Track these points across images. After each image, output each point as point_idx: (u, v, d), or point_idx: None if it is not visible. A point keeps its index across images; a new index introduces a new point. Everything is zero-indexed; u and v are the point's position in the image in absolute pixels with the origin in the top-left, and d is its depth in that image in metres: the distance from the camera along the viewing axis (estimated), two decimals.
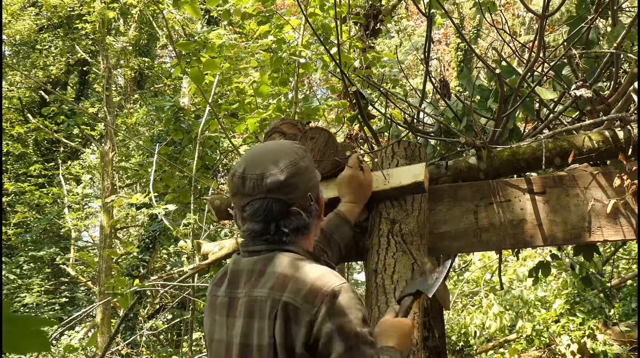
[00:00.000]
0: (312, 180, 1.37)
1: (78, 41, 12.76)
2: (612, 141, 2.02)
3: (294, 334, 1.20)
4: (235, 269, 1.34)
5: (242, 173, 1.33)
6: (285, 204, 1.30)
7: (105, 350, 5.71)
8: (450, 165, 2.14)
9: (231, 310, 1.31)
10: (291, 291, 1.22)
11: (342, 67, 2.37)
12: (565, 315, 6.88)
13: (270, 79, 4.49)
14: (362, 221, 1.99)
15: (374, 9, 5.17)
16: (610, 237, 1.94)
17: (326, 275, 1.25)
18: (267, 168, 1.31)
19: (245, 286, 1.30)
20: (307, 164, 1.37)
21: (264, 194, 1.29)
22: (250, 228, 1.32)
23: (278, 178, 1.30)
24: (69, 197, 12.31)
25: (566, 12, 9.11)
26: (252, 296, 1.27)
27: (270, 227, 1.31)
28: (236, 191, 1.34)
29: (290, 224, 1.31)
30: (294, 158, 1.34)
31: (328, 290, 1.21)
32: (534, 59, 2.21)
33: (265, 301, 1.24)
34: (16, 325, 0.60)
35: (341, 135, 5.49)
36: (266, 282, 1.26)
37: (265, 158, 1.34)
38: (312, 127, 2.16)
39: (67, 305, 12.51)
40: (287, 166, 1.31)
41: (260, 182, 1.30)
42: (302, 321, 1.19)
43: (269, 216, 1.30)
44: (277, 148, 1.38)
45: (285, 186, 1.30)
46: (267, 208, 1.29)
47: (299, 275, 1.24)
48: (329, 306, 1.20)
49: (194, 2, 3.88)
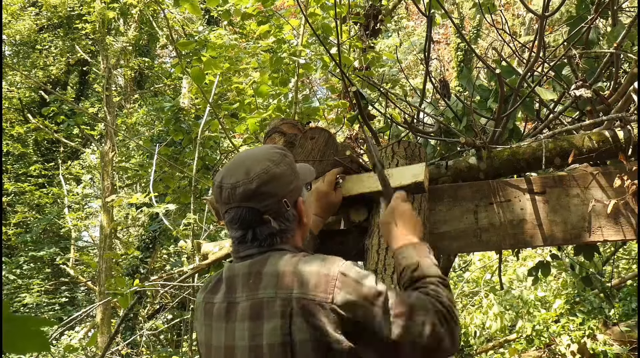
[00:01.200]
0: (288, 186, 1.37)
1: (78, 41, 12.77)
2: (612, 141, 2.02)
3: (321, 326, 1.20)
4: (231, 275, 1.35)
5: (219, 183, 1.38)
6: (258, 212, 1.33)
7: (105, 350, 5.71)
8: (450, 165, 2.14)
9: (230, 315, 1.31)
10: (300, 287, 1.23)
11: (342, 67, 2.37)
12: (565, 315, 6.88)
13: (270, 79, 4.50)
14: (362, 221, 1.99)
15: (374, 9, 5.17)
16: (610, 237, 1.94)
17: (326, 262, 1.26)
18: (240, 177, 1.35)
19: (243, 290, 1.30)
20: (282, 170, 1.38)
21: (237, 203, 1.34)
22: (232, 235, 1.37)
23: (249, 186, 1.33)
24: (69, 197, 12.31)
25: (566, 12, 9.11)
26: (255, 298, 1.27)
27: (247, 234, 1.34)
28: (217, 200, 1.40)
29: (266, 230, 1.34)
30: (265, 166, 1.36)
31: (335, 274, 1.23)
32: (534, 59, 2.21)
33: (272, 302, 1.24)
34: (16, 325, 0.60)
35: (341, 135, 5.49)
36: (269, 282, 1.26)
37: (239, 167, 1.37)
38: (312, 128, 2.16)
39: (67, 305, 12.52)
40: (259, 174, 1.34)
41: (234, 191, 1.34)
42: (324, 311, 1.20)
43: (244, 224, 1.34)
44: (252, 156, 1.40)
45: (257, 194, 1.33)
46: (240, 216, 1.34)
47: (301, 270, 1.25)
48: (342, 285, 1.21)
49: (193, 0, 3.88)
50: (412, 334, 1.20)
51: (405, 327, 1.20)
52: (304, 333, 1.20)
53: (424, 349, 1.21)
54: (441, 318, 1.23)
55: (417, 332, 1.21)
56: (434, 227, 2.02)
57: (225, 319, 1.31)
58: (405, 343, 1.20)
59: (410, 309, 1.23)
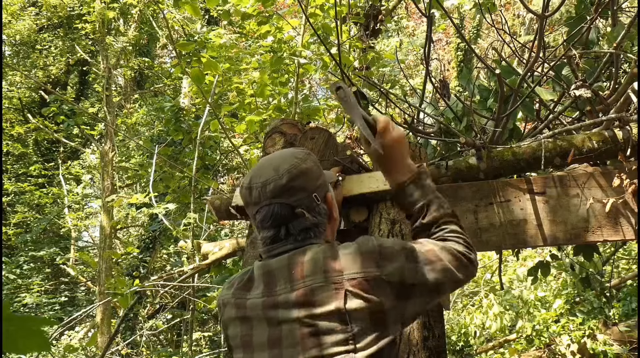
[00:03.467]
0: (316, 181, 1.40)
1: (78, 41, 12.77)
2: (612, 141, 2.02)
3: (378, 299, 1.25)
4: (267, 271, 1.35)
5: (248, 184, 1.39)
6: (290, 207, 1.34)
7: (105, 350, 5.70)
8: (450, 165, 2.14)
9: (273, 304, 1.30)
10: (349, 269, 1.26)
11: (342, 67, 2.37)
12: (565, 315, 6.88)
13: (270, 79, 4.50)
14: (362, 221, 1.99)
15: (374, 9, 5.17)
16: (610, 237, 1.95)
17: (362, 243, 1.32)
18: (269, 175, 1.36)
19: (286, 282, 1.30)
20: (310, 166, 1.40)
21: (268, 200, 1.35)
22: (264, 236, 1.37)
23: (279, 182, 1.34)
24: (69, 197, 12.30)
25: (566, 12, 9.12)
26: (304, 286, 1.27)
27: (280, 231, 1.35)
28: (246, 202, 1.41)
29: (299, 225, 1.35)
30: (293, 162, 1.38)
31: (375, 248, 1.29)
32: (534, 59, 2.21)
33: (324, 287, 1.26)
34: (16, 324, 0.60)
35: (341, 135, 5.49)
36: (315, 270, 1.28)
37: (267, 167, 1.39)
38: (312, 127, 2.16)
39: (67, 305, 12.51)
40: (288, 170, 1.36)
41: (264, 189, 1.35)
42: (377, 284, 1.25)
43: (276, 221, 1.35)
44: (278, 156, 1.43)
45: (287, 189, 1.34)
46: (273, 213, 1.34)
47: (344, 253, 1.29)
48: (384, 256, 1.28)
49: (193, 2, 3.88)
50: (446, 275, 1.33)
51: (439, 271, 1.32)
52: (361, 311, 1.24)
53: (457, 283, 1.36)
54: (463, 255, 1.37)
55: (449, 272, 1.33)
56: None
57: (265, 308, 1.30)
58: (444, 282, 1.33)
59: (439, 256, 1.34)
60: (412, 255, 1.32)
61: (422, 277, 1.31)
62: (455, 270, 1.34)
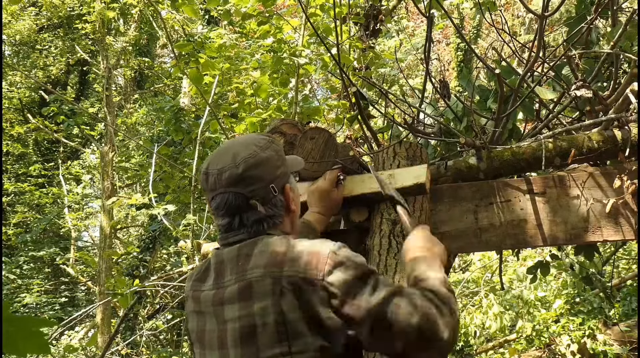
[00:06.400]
0: (275, 171, 1.36)
1: (78, 41, 12.76)
2: (612, 141, 2.02)
3: (313, 304, 1.19)
4: (219, 261, 1.33)
5: (205, 170, 1.36)
6: (244, 197, 1.31)
7: (105, 350, 5.70)
8: (450, 165, 2.14)
9: (220, 299, 1.28)
10: (290, 265, 1.22)
11: (342, 67, 2.37)
12: (565, 315, 6.88)
13: (270, 79, 4.49)
14: (363, 221, 1.99)
15: (374, 9, 5.17)
16: (610, 237, 1.95)
17: (318, 243, 1.26)
18: (226, 162, 1.33)
19: (232, 273, 1.28)
20: (269, 155, 1.36)
21: (223, 188, 1.32)
22: (219, 223, 1.35)
23: (235, 171, 1.31)
24: (69, 197, 12.30)
25: (566, 12, 9.12)
26: (245, 279, 1.25)
27: (234, 221, 1.33)
28: (203, 188, 1.38)
29: (252, 216, 1.32)
30: (252, 150, 1.35)
31: (326, 251, 1.23)
32: (534, 59, 2.21)
33: (262, 281, 1.22)
34: (16, 325, 0.60)
35: (341, 135, 5.49)
36: (258, 263, 1.24)
37: (225, 153, 1.36)
38: (312, 128, 2.16)
39: (67, 305, 12.51)
40: (245, 158, 1.33)
41: (220, 177, 1.32)
42: (314, 288, 1.19)
43: (230, 210, 1.32)
44: (238, 142, 1.40)
45: (243, 178, 1.31)
46: (227, 202, 1.32)
47: (292, 249, 1.24)
48: (334, 263, 1.21)
49: (192, 4, 3.88)
50: (403, 315, 1.17)
51: (396, 308, 1.18)
52: (295, 311, 1.19)
53: (418, 333, 1.16)
54: (435, 306, 1.19)
55: (407, 313, 1.17)
56: (434, 227, 2.02)
57: (214, 303, 1.29)
58: (399, 324, 1.17)
59: (402, 292, 1.21)
60: (369, 276, 1.22)
61: (370, 304, 1.19)
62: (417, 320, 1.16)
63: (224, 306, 1.26)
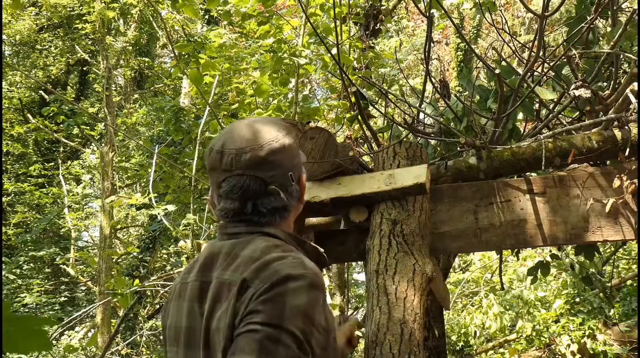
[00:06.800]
0: (294, 159, 1.28)
1: (78, 41, 12.77)
2: (612, 141, 2.02)
3: (237, 310, 1.10)
4: (211, 252, 1.24)
5: (220, 147, 1.24)
6: (263, 183, 1.21)
7: (105, 350, 5.70)
8: (450, 165, 2.14)
9: (203, 294, 1.19)
10: (251, 270, 1.12)
11: (342, 67, 2.37)
12: (565, 315, 6.88)
13: (270, 79, 4.50)
14: (363, 221, 1.99)
15: (374, 9, 5.17)
16: (610, 237, 1.95)
17: (295, 263, 1.13)
18: (247, 143, 1.22)
19: (218, 269, 1.19)
20: (291, 142, 1.27)
21: (241, 170, 1.21)
22: (226, 207, 1.23)
23: (258, 154, 1.21)
24: (69, 197, 12.31)
25: (566, 12, 9.12)
26: (221, 279, 1.17)
27: (247, 206, 1.22)
28: (213, 166, 1.25)
29: (269, 204, 1.22)
30: (276, 134, 1.24)
31: (283, 273, 1.09)
32: (534, 59, 2.21)
33: (231, 285, 1.13)
34: (17, 325, 0.60)
35: (341, 135, 5.49)
36: (240, 265, 1.16)
37: (246, 132, 1.24)
38: (312, 127, 2.16)
39: (67, 305, 12.51)
40: (269, 142, 1.22)
41: (239, 158, 1.21)
42: (247, 296, 1.09)
43: (246, 194, 1.21)
44: (259, 122, 1.29)
45: (266, 163, 1.21)
46: (244, 185, 1.20)
47: (268, 258, 1.14)
48: (274, 285, 1.08)
49: (192, 4, 3.88)
50: None
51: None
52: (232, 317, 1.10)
53: None
54: None
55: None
56: (434, 227, 2.02)
57: (198, 299, 1.19)
58: None
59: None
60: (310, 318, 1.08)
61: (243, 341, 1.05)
62: None
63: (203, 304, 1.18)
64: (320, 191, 1.97)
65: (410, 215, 1.90)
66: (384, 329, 1.66)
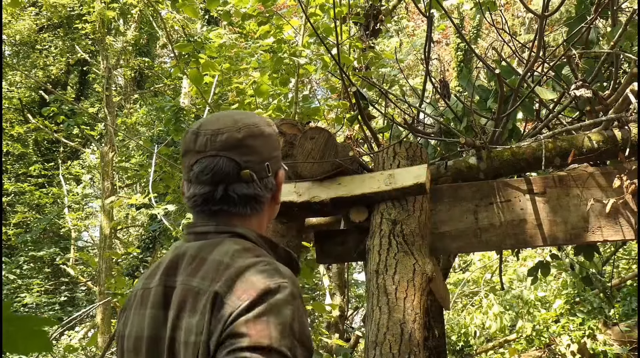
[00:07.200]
0: (273, 151, 1.21)
1: (78, 41, 12.77)
2: (612, 141, 2.03)
3: (213, 329, 1.02)
4: (177, 254, 1.16)
5: (196, 129, 1.18)
6: (237, 166, 1.14)
7: (105, 350, 5.70)
8: (450, 165, 2.14)
9: (168, 300, 1.11)
10: (226, 283, 1.04)
11: (342, 67, 2.37)
12: (565, 315, 6.89)
13: (270, 79, 4.50)
14: (363, 221, 1.99)
15: (374, 9, 5.18)
16: (610, 237, 1.95)
17: (270, 272, 1.06)
18: (225, 124, 1.17)
19: (183, 273, 1.11)
20: (272, 133, 1.22)
21: (215, 151, 1.14)
22: (195, 193, 1.16)
23: (235, 135, 1.15)
24: (69, 197, 12.31)
25: (566, 12, 9.12)
26: (188, 285, 1.09)
27: (217, 190, 1.14)
28: (187, 149, 1.18)
29: (240, 190, 1.15)
30: (256, 121, 1.20)
31: (262, 286, 1.02)
32: (534, 59, 2.21)
33: (202, 295, 1.05)
34: (16, 325, 0.60)
35: (341, 135, 5.49)
36: (208, 272, 1.08)
37: (225, 116, 1.20)
38: (312, 128, 2.16)
39: (67, 305, 12.51)
40: (248, 125, 1.17)
41: (214, 138, 1.15)
42: (224, 314, 1.01)
43: (217, 177, 1.14)
44: (239, 112, 1.25)
45: (242, 145, 1.15)
46: (216, 166, 1.14)
47: (240, 265, 1.06)
48: (254, 301, 1.00)
49: (192, 4, 3.88)
50: None
51: None
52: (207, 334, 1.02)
53: None
54: None
55: None
56: (434, 227, 2.02)
57: (163, 305, 1.12)
58: None
59: None
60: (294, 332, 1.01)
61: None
62: None
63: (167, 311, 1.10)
64: (320, 191, 1.97)
65: (410, 215, 1.90)
66: (384, 329, 1.66)
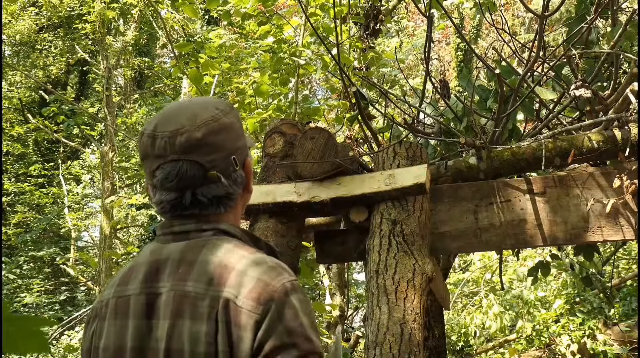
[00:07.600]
0: (237, 141, 1.14)
1: (78, 41, 12.77)
2: (612, 141, 2.02)
3: (237, 339, 0.98)
4: (157, 259, 1.09)
5: (152, 131, 1.10)
6: (202, 168, 1.08)
7: None
8: (450, 165, 2.14)
9: (153, 309, 1.05)
10: (233, 286, 1.01)
11: (342, 67, 2.37)
12: (565, 315, 6.89)
13: (270, 79, 4.50)
14: (363, 221, 1.99)
15: (374, 9, 5.17)
16: (610, 237, 1.95)
17: (275, 268, 1.04)
18: (182, 124, 1.09)
19: (169, 279, 1.05)
20: (232, 121, 1.14)
21: (177, 155, 1.07)
22: (162, 199, 1.10)
23: (194, 135, 1.08)
24: (69, 197, 12.31)
25: (566, 12, 9.12)
26: (181, 291, 1.03)
27: (185, 196, 1.08)
28: (145, 153, 1.11)
29: (209, 192, 1.09)
30: (214, 113, 1.12)
31: (278, 286, 1.01)
32: (534, 59, 2.21)
33: (201, 300, 1.01)
34: (16, 325, 0.60)
35: (341, 135, 5.49)
36: (202, 274, 1.03)
37: (179, 113, 1.12)
38: (312, 128, 2.16)
39: (67, 305, 12.51)
40: (206, 121, 1.09)
41: (173, 141, 1.07)
42: (248, 323, 0.98)
43: (182, 183, 1.07)
44: (194, 102, 1.16)
45: (203, 145, 1.08)
46: (179, 172, 1.07)
47: (243, 266, 1.03)
48: (279, 306, 0.99)
49: (192, 4, 3.88)
50: None
51: None
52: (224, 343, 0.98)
53: None
54: None
55: None
56: (434, 227, 2.02)
57: (146, 314, 1.05)
58: None
59: None
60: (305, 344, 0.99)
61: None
62: None
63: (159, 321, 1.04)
64: (320, 191, 1.96)
65: (410, 215, 1.90)
66: (384, 329, 1.66)
